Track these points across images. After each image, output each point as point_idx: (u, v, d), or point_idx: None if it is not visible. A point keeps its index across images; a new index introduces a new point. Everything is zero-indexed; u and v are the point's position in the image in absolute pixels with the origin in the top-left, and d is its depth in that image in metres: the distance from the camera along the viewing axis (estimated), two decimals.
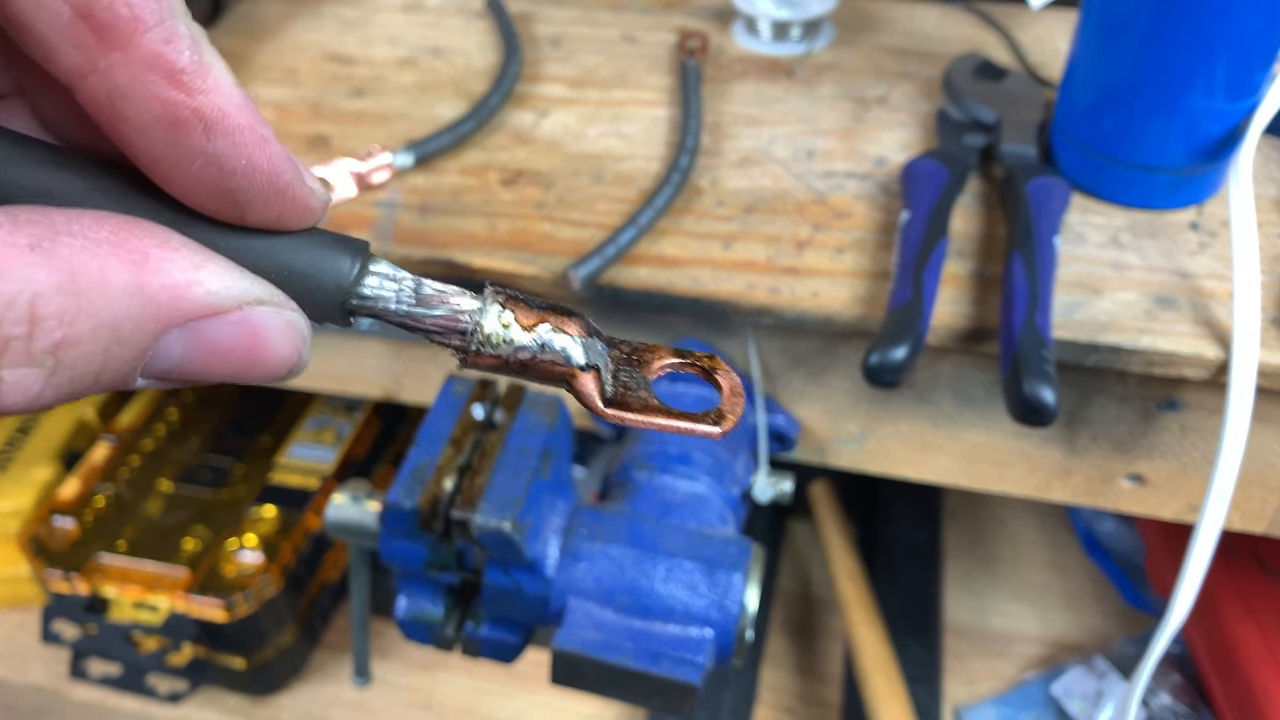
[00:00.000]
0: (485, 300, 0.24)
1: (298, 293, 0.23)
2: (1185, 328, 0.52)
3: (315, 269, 0.23)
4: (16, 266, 0.19)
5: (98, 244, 0.21)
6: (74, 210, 0.21)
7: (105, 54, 0.21)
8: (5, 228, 0.20)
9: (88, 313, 0.20)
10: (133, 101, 0.22)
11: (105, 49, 0.21)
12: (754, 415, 0.61)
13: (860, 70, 0.73)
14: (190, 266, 0.22)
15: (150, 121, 0.22)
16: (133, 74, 0.21)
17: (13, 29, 0.21)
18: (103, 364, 0.21)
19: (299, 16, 0.81)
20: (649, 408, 0.24)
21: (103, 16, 0.21)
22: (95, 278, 0.20)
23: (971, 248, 0.57)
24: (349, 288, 0.23)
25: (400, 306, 0.24)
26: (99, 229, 0.21)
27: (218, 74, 0.22)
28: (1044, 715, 0.97)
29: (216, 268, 0.22)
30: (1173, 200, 0.59)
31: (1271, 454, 0.56)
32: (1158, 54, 0.54)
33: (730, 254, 0.56)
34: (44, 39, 0.21)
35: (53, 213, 0.21)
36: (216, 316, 0.22)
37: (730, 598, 0.48)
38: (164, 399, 0.93)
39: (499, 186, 0.62)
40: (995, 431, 0.60)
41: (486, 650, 0.52)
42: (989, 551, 1.14)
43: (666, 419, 0.24)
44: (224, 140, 0.22)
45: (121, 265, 0.21)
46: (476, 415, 0.49)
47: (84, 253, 0.20)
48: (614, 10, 0.82)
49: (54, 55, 0.21)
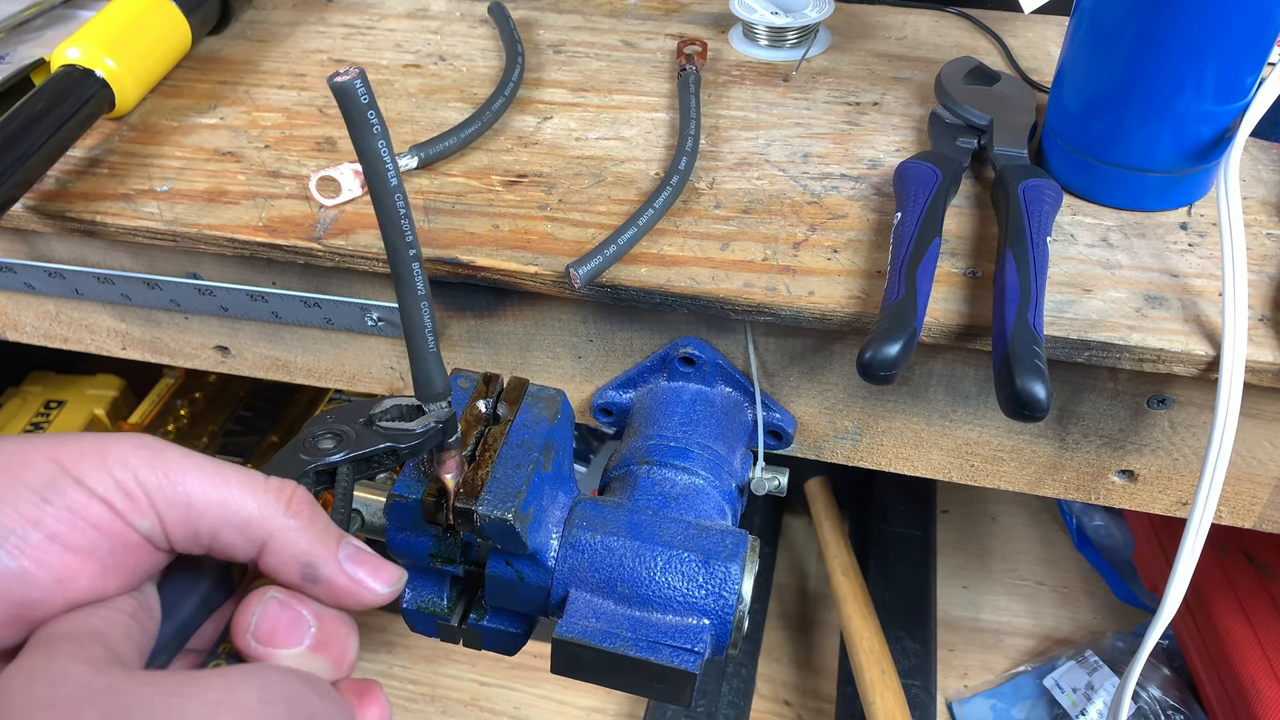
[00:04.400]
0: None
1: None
2: (1175, 325, 0.53)
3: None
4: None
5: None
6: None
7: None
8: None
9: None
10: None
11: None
12: (752, 411, 0.62)
13: (855, 75, 0.75)
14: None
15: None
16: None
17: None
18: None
19: (306, 23, 0.83)
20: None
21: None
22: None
23: (964, 247, 0.58)
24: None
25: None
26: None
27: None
28: (1036, 708, 0.98)
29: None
30: (1163, 202, 0.60)
31: (1260, 449, 0.58)
32: (1148, 58, 0.55)
33: (728, 254, 0.58)
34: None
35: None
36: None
37: (727, 588, 0.49)
38: (174, 398, 0.94)
39: (502, 188, 0.63)
40: (988, 427, 0.61)
41: (489, 641, 0.53)
42: (981, 547, 1.15)
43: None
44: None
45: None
46: (481, 409, 0.50)
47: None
48: (614, 17, 0.83)
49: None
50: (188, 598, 0.35)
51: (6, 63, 0.76)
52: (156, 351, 0.72)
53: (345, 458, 0.40)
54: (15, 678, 0.28)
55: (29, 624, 0.31)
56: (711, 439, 0.59)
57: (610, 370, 0.64)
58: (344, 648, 0.34)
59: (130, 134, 0.69)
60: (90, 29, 0.67)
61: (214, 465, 0.34)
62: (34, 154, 0.59)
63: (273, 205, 0.62)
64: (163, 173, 0.65)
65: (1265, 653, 0.84)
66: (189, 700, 0.28)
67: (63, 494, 0.31)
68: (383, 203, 0.36)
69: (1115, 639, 1.00)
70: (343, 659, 0.34)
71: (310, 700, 0.30)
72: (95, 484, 0.31)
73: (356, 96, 0.33)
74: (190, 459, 0.33)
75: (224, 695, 0.29)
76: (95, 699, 0.27)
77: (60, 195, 0.63)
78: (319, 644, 0.33)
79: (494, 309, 0.63)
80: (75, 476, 0.31)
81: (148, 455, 0.32)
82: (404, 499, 0.46)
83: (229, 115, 0.71)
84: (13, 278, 0.68)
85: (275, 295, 0.64)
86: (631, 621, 0.49)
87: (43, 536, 0.30)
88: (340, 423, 0.41)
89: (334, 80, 0.33)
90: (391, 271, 0.38)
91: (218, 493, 0.33)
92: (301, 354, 0.69)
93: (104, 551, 0.31)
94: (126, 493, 0.32)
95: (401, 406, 0.42)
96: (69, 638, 0.30)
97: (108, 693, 0.28)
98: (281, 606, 0.33)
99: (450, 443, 0.44)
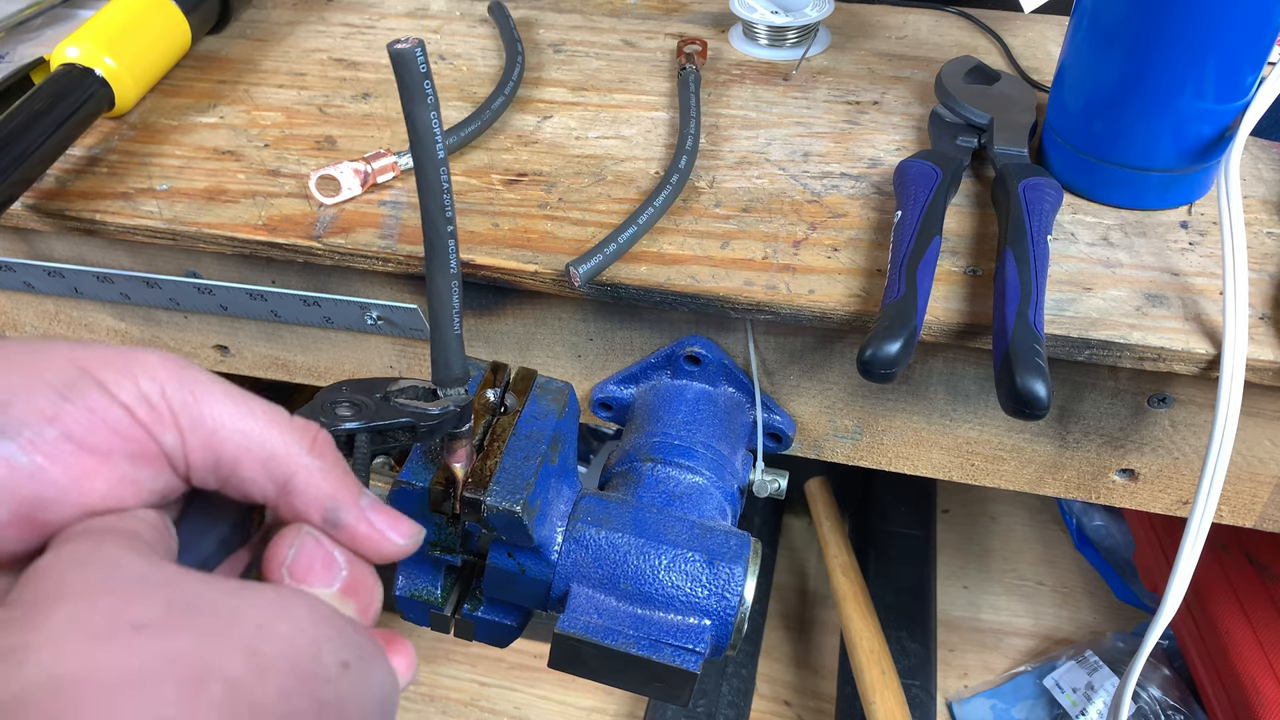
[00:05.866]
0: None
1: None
2: (1175, 324, 0.53)
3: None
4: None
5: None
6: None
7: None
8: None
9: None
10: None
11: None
12: (753, 412, 0.62)
13: (855, 74, 0.75)
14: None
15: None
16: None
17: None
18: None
19: (306, 22, 0.83)
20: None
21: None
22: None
23: (965, 246, 0.58)
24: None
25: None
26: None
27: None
28: (1036, 708, 0.98)
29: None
30: (1163, 201, 0.60)
31: (1260, 448, 0.58)
32: (1148, 57, 0.55)
33: (728, 252, 0.58)
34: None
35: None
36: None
37: (730, 589, 0.49)
38: None
39: (502, 186, 0.63)
40: (988, 426, 0.61)
41: (482, 632, 0.53)
42: (981, 547, 1.15)
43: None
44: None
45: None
46: (489, 398, 0.49)
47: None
48: (614, 16, 0.83)
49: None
50: (205, 538, 0.34)
51: (6, 62, 0.75)
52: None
53: (364, 426, 0.38)
54: (60, 563, 0.27)
55: (37, 528, 0.29)
56: (714, 439, 0.59)
57: (610, 368, 0.64)
58: (371, 596, 0.33)
59: (130, 133, 0.69)
60: (90, 28, 0.67)
61: (241, 394, 0.32)
62: (33, 153, 0.59)
63: (272, 204, 0.62)
64: (162, 171, 0.65)
65: (1265, 653, 0.84)
66: (247, 603, 0.27)
67: (84, 395, 0.29)
68: (426, 174, 0.36)
69: (1115, 639, 1.00)
70: (368, 608, 0.33)
71: (349, 631, 0.30)
72: (119, 390, 0.30)
73: (416, 65, 0.33)
74: (219, 384, 0.32)
75: (279, 606, 0.28)
76: (158, 588, 0.26)
77: (60, 194, 0.63)
78: (349, 587, 0.33)
79: (494, 307, 0.63)
80: (99, 379, 0.30)
81: (176, 371, 0.31)
82: (411, 486, 0.46)
83: (229, 114, 0.71)
84: (12, 276, 0.68)
85: (275, 294, 0.64)
86: (633, 619, 0.48)
87: (59, 434, 0.29)
88: (357, 393, 0.40)
89: (394, 47, 0.33)
90: (425, 246, 0.38)
91: (244, 422, 0.32)
92: (301, 353, 0.69)
93: (122, 458, 0.30)
94: (151, 404, 0.30)
95: (417, 388, 0.41)
96: (112, 530, 0.28)
97: (168, 584, 0.27)
98: (316, 543, 0.32)
99: (462, 430, 0.44)
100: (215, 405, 0.31)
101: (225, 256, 0.64)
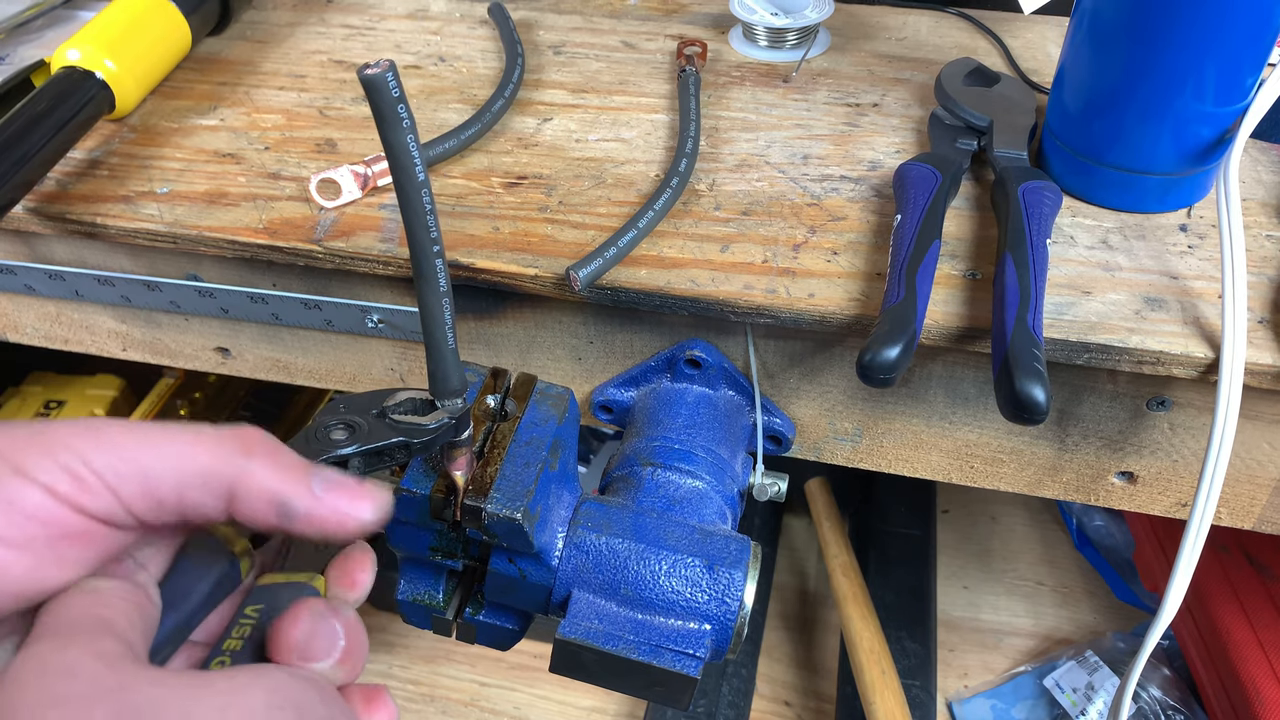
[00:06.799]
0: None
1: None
2: (1174, 328, 0.53)
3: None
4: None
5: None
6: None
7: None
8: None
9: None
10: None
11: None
12: (752, 415, 0.62)
13: (855, 76, 0.75)
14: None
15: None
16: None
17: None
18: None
19: (306, 24, 0.83)
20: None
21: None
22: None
23: (964, 249, 0.58)
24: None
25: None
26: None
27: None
28: (1036, 708, 0.98)
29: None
30: (1162, 203, 0.60)
31: (1259, 451, 0.58)
32: (1148, 59, 0.55)
33: (728, 255, 0.58)
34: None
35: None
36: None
37: (730, 595, 0.49)
38: (174, 399, 0.94)
39: (502, 189, 0.63)
40: (987, 429, 0.61)
41: (483, 636, 0.53)
42: (981, 547, 1.15)
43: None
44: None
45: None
46: (489, 404, 0.49)
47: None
48: (614, 18, 0.83)
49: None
50: (194, 590, 0.35)
51: (6, 64, 0.76)
52: (157, 353, 0.72)
53: (357, 450, 0.39)
54: (26, 669, 0.28)
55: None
56: (715, 442, 0.59)
57: (610, 371, 0.64)
58: (361, 655, 0.34)
59: (130, 135, 0.69)
60: (90, 30, 0.67)
61: (159, 429, 0.33)
62: (34, 156, 0.59)
63: (273, 207, 0.62)
64: (163, 174, 0.65)
65: (1265, 653, 0.84)
66: (197, 703, 0.28)
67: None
68: (408, 197, 0.36)
69: (1115, 639, 1.01)
70: (356, 667, 0.34)
71: (317, 707, 0.30)
72: (38, 473, 0.31)
73: (387, 90, 0.33)
74: (136, 430, 0.33)
75: (231, 699, 0.29)
76: (106, 697, 0.27)
77: (60, 197, 0.63)
78: (344, 657, 0.33)
79: (494, 311, 0.63)
80: (16, 465, 0.30)
81: (92, 435, 0.32)
82: (411, 494, 0.46)
83: (229, 117, 0.71)
84: (13, 279, 0.68)
85: (275, 297, 0.64)
86: (634, 624, 0.49)
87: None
88: (352, 413, 0.41)
89: (364, 73, 0.32)
90: (413, 266, 0.38)
91: (169, 454, 0.32)
92: (302, 356, 0.69)
93: (41, 544, 0.31)
94: (75, 476, 0.31)
95: (415, 400, 0.42)
96: (79, 628, 0.30)
97: (118, 691, 0.28)
98: (320, 620, 0.33)
99: (462, 439, 0.44)
100: (137, 451, 0.32)
101: (226, 259, 0.64)
